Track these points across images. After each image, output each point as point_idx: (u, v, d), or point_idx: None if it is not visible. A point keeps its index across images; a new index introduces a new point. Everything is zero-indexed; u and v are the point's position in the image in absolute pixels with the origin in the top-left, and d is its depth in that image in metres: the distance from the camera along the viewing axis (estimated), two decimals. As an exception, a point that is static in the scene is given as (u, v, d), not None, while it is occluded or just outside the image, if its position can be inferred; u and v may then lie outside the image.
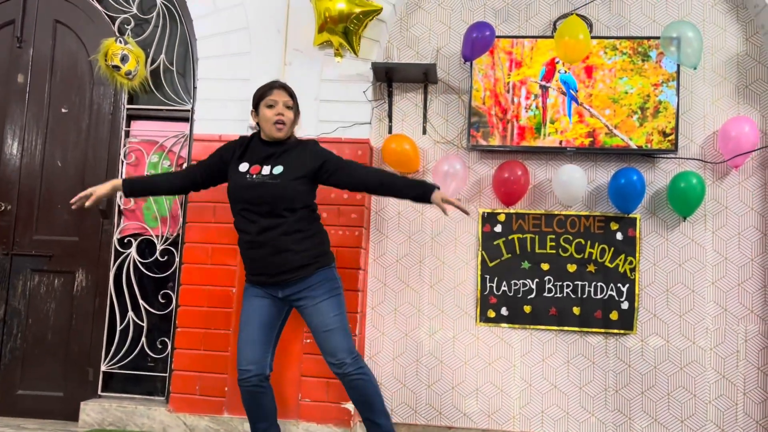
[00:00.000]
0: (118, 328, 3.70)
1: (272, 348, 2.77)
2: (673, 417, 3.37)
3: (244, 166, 2.74)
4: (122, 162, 3.80)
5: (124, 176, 3.76)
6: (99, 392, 3.67)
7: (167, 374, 3.62)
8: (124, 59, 3.70)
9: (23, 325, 3.75)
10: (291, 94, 2.80)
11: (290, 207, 2.67)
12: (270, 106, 2.74)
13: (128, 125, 3.84)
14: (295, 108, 2.81)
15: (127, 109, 3.83)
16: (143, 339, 3.68)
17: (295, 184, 2.68)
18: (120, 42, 3.71)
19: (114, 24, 3.85)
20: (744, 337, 3.37)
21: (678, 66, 3.39)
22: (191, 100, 3.77)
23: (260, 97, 2.79)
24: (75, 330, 3.72)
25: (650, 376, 3.40)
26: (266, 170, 2.70)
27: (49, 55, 3.89)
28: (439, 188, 2.71)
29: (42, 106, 3.87)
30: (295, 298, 2.72)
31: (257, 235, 2.67)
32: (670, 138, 3.39)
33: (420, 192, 2.71)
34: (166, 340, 3.67)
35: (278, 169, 2.70)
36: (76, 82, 3.87)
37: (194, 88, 3.75)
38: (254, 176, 2.69)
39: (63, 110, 3.87)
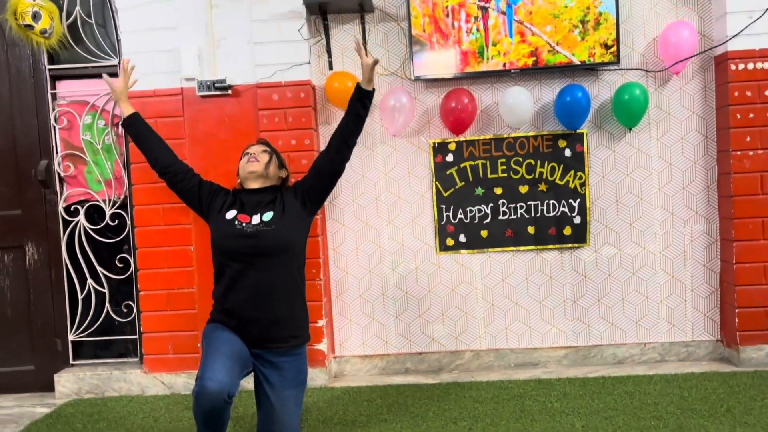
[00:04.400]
0: (80, 297, 3.66)
1: (238, 383, 2.39)
2: (628, 319, 3.57)
3: (231, 214, 2.57)
4: (54, 127, 3.61)
5: (58, 139, 3.60)
6: (71, 362, 3.68)
7: (137, 336, 3.64)
8: (36, 17, 3.43)
9: (-21, 305, 3.68)
10: (267, 144, 2.78)
11: (286, 257, 2.50)
12: (245, 156, 2.70)
13: (53, 87, 3.62)
14: (272, 152, 2.72)
15: (49, 69, 3.60)
16: (107, 305, 3.66)
17: (291, 229, 2.54)
18: (28, -2, 3.42)
19: (18, -24, 3.53)
20: (690, 237, 3.53)
21: (616, -26, 3.32)
22: (117, 55, 3.56)
23: (240, 159, 2.74)
24: (35, 304, 3.66)
25: (605, 284, 3.57)
26: (256, 219, 2.53)
27: (-48, 16, 3.59)
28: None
29: (-46, 75, 3.61)
30: (264, 361, 2.50)
31: (249, 295, 2.45)
32: (612, 50, 3.37)
33: (357, 96, 2.63)
34: (131, 303, 3.65)
35: (268, 216, 2.53)
36: (-12, 45, 3.60)
37: (118, 41, 3.53)
38: (244, 225, 2.51)
39: (-22, 77, 3.62)
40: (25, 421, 3.22)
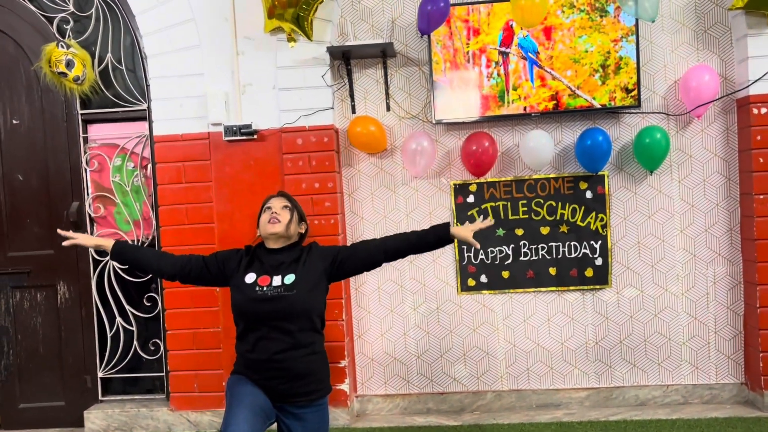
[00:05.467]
0: (109, 335, 3.75)
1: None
2: (650, 361, 3.56)
3: (251, 277, 2.49)
4: (85, 170, 3.72)
5: (89, 180, 3.71)
6: (99, 397, 3.77)
7: (164, 374, 3.71)
8: (69, 65, 3.55)
9: (13, 341, 3.78)
10: (289, 198, 2.64)
11: (308, 319, 2.46)
12: (266, 210, 2.59)
13: (85, 131, 3.74)
14: (293, 210, 2.59)
15: (81, 114, 3.71)
16: (135, 343, 3.75)
17: (313, 293, 2.47)
18: (62, 46, 3.55)
19: (52, 24, 3.66)
20: (713, 279, 3.51)
21: (636, 19, 3.35)
22: (146, 99, 3.66)
23: (260, 212, 2.63)
24: (66, 341, 3.76)
25: (627, 325, 3.56)
26: (277, 281, 2.46)
27: (-11, 65, 3.73)
28: (449, 224, 2.62)
29: (-9, 120, 3.75)
30: (287, 413, 2.48)
31: (273, 355, 2.42)
32: (632, 94, 3.39)
33: (436, 236, 2.57)
34: (158, 341, 3.73)
35: (290, 278, 2.46)
36: (23, 90, 3.72)
37: (147, 86, 3.63)
38: (265, 288, 2.44)
39: (14, 121, 3.75)
40: (55, 460, 3.32)
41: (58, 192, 3.75)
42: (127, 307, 3.74)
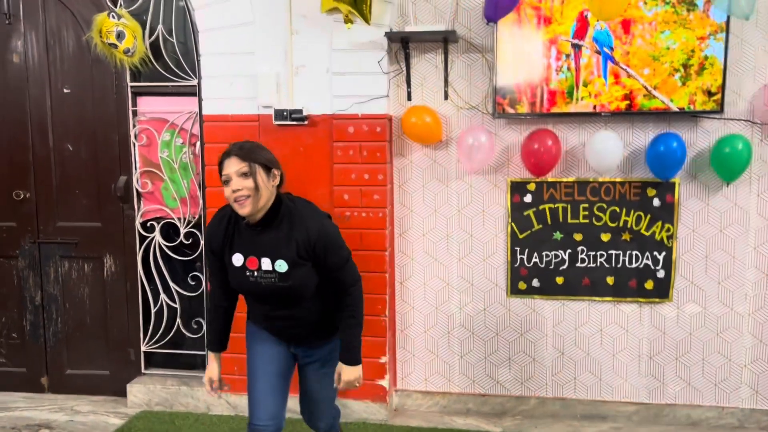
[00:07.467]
0: (153, 311, 3.76)
1: (286, 400, 2.51)
2: (707, 381, 3.37)
3: (238, 259, 2.32)
4: (134, 144, 3.66)
5: (137, 155, 3.65)
6: (142, 370, 3.81)
7: (205, 353, 3.71)
8: (120, 36, 3.44)
9: (61, 309, 3.83)
10: (245, 156, 2.22)
11: (309, 295, 2.37)
12: (226, 182, 2.23)
13: (134, 104, 3.65)
14: (253, 170, 2.21)
15: (131, 86, 3.62)
16: (178, 320, 3.75)
17: (308, 277, 2.32)
18: (113, 17, 3.43)
19: (104, -8, 3.55)
20: (785, 301, 3.28)
21: (728, 15, 3.02)
22: (197, 76, 3.53)
23: (219, 172, 2.29)
24: (111, 313, 3.79)
25: (685, 342, 3.37)
26: (266, 264, 2.28)
27: (42, 31, 3.64)
28: (357, 364, 2.41)
29: (43, 87, 3.69)
30: (304, 355, 2.51)
31: (279, 320, 2.43)
32: (715, 98, 3.10)
33: (345, 357, 2.41)
34: (201, 320, 3.72)
35: (281, 266, 2.27)
36: (74, 60, 3.65)
37: (198, 62, 3.50)
38: (255, 273, 2.30)
39: (65, 90, 3.69)
40: (98, 435, 3.39)
41: (106, 165, 3.70)
42: (171, 284, 3.72)
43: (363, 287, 2.44)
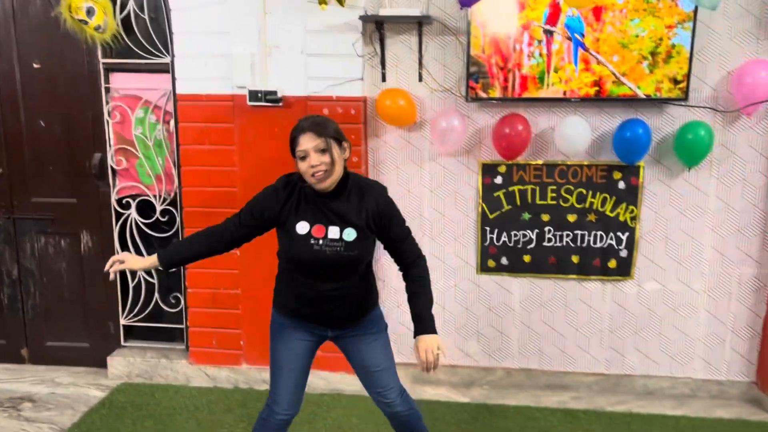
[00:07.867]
0: (131, 285, 3.82)
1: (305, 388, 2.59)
2: (663, 353, 3.57)
3: (303, 227, 2.33)
4: (107, 121, 3.64)
5: (111, 132, 3.64)
6: (122, 343, 3.90)
7: (184, 327, 3.81)
8: (90, 12, 3.39)
9: (39, 283, 3.87)
10: (320, 132, 2.29)
11: (360, 271, 2.43)
12: (302, 158, 2.30)
13: (107, 80, 3.62)
14: (329, 145, 2.28)
15: (103, 63, 3.59)
16: (156, 295, 3.82)
17: (371, 247, 2.41)
18: (82, -7, 3.38)
19: (72, -35, 3.46)
20: (738, 280, 3.45)
21: (696, 5, 3.08)
22: (170, 53, 3.51)
23: (291, 147, 2.36)
24: (89, 288, 3.84)
25: (644, 317, 3.55)
26: (334, 232, 2.31)
27: (9, 2, 3.57)
28: (435, 333, 2.41)
29: (11, 62, 3.63)
30: (347, 335, 2.52)
31: (322, 293, 2.39)
32: (680, 86, 3.19)
33: (418, 327, 2.42)
34: (179, 295, 3.80)
35: (350, 234, 2.31)
36: (43, 34, 3.59)
37: (171, 41, 3.47)
38: (321, 241, 2.31)
39: (35, 65, 3.64)
40: (80, 407, 3.48)
41: (80, 142, 3.70)
42: (148, 260, 3.78)
43: None
